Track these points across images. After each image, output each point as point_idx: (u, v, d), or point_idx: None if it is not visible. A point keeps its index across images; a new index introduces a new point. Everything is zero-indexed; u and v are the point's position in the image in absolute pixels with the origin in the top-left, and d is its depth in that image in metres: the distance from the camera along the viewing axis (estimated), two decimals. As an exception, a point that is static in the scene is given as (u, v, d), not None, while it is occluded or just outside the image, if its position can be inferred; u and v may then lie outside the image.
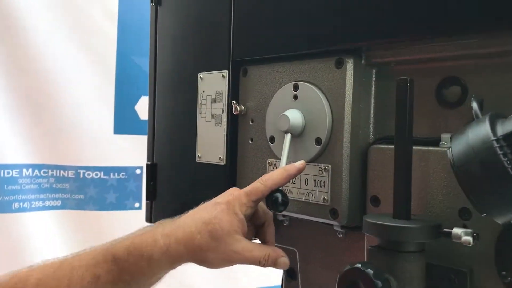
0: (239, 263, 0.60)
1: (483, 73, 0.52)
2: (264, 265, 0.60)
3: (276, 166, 0.67)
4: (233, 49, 0.72)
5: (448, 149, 0.43)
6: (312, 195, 0.63)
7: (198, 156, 0.78)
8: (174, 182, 0.84)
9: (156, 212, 0.86)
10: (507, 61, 0.50)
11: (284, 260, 0.61)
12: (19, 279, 0.61)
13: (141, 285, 0.61)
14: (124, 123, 1.28)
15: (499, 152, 0.39)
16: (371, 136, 0.62)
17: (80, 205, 1.23)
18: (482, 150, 0.40)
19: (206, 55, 0.77)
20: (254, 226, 0.63)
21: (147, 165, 0.88)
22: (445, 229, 0.48)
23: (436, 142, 0.54)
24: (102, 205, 1.25)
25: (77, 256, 0.61)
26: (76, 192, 1.24)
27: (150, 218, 0.87)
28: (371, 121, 0.62)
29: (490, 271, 0.49)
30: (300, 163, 0.61)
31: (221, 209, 0.59)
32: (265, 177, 0.60)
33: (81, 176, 1.22)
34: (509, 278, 0.47)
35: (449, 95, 0.55)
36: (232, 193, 0.61)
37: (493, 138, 0.40)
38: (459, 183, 0.42)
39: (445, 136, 0.54)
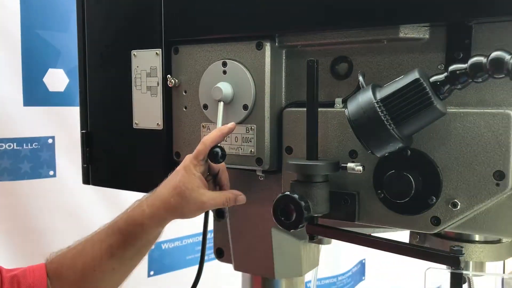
0: (209, 209, 0.79)
1: (365, 54, 0.74)
2: (228, 205, 0.78)
3: (209, 129, 0.83)
4: (165, 30, 0.85)
5: (345, 109, 0.64)
6: (241, 149, 0.80)
7: (135, 123, 0.90)
8: (110, 147, 0.95)
9: (94, 175, 0.97)
10: (381, 46, 0.72)
11: (242, 197, 0.79)
12: (62, 256, 0.81)
13: (144, 244, 0.80)
14: (33, 95, 1.31)
15: (379, 110, 0.60)
16: (284, 102, 0.81)
17: (-6, 177, 1.26)
18: (368, 109, 0.61)
19: (139, 34, 0.88)
20: (212, 177, 0.80)
21: (81, 133, 0.97)
22: (342, 164, 0.69)
23: (332, 105, 0.75)
24: (17, 175, 1.29)
25: (97, 233, 0.81)
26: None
27: (87, 180, 0.98)
28: (283, 90, 0.80)
29: (370, 192, 0.71)
30: (231, 124, 0.77)
31: (182, 174, 0.75)
32: (204, 139, 0.76)
33: (-6, 148, 1.25)
34: (382, 194, 0.70)
35: (340, 69, 0.76)
36: (185, 160, 0.77)
37: (374, 101, 0.61)
38: (354, 132, 0.63)
39: (338, 100, 0.74)
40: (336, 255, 2.28)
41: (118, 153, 0.94)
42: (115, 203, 1.43)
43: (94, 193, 1.46)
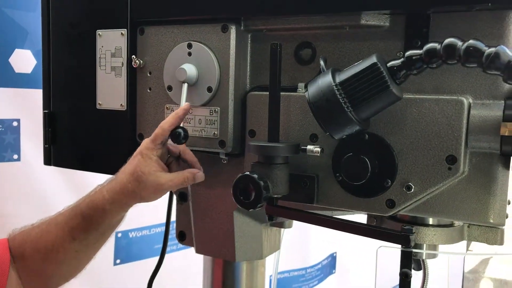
0: (168, 190, 0.79)
1: (328, 40, 0.75)
2: (187, 184, 0.77)
3: (172, 110, 0.83)
4: (131, 10, 0.85)
5: (305, 92, 0.65)
6: (205, 131, 0.81)
7: (99, 103, 0.90)
8: (74, 128, 0.94)
9: (56, 156, 0.96)
10: (344, 33, 0.73)
11: (200, 174, 0.78)
12: (26, 233, 0.80)
13: (107, 228, 0.80)
14: (-2, 76, 1.28)
15: (337, 93, 0.61)
16: (248, 85, 0.81)
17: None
18: (327, 91, 0.62)
19: (105, 14, 0.88)
20: (174, 159, 0.80)
21: (44, 113, 0.96)
22: (302, 147, 0.70)
23: (295, 90, 0.76)
24: (-20, 158, 1.27)
25: (61, 214, 0.80)
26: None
27: (49, 161, 0.97)
28: (248, 74, 0.81)
29: (329, 175, 0.73)
30: (185, 105, 0.77)
31: (138, 159, 0.76)
32: (162, 123, 0.76)
33: (-45, 129, 1.21)
34: (340, 177, 0.71)
35: (304, 55, 0.77)
36: (142, 144, 0.77)
37: (333, 84, 0.62)
38: (313, 114, 0.64)
39: (301, 85, 0.75)
40: (306, 248, 2.30)
41: (81, 134, 0.93)
42: (81, 188, 1.41)
43: (60, 178, 1.44)
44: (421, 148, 0.66)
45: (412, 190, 0.67)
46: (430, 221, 0.74)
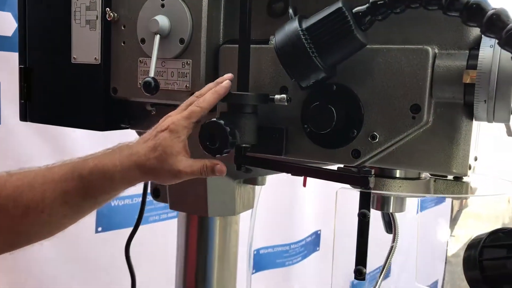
0: (186, 178, 0.71)
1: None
2: (205, 175, 0.70)
3: (146, 63, 0.83)
4: (106, -38, 0.84)
5: (273, 39, 0.65)
6: (177, 84, 0.81)
7: (74, 57, 0.90)
8: (49, 83, 0.94)
9: (31, 111, 0.96)
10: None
11: (219, 167, 0.70)
12: (0, 183, 0.68)
13: (106, 198, 0.73)
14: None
15: (303, 37, 0.62)
16: (221, 39, 0.81)
17: None
18: (293, 37, 0.62)
19: (79, -33, 0.87)
20: None
21: (19, 68, 0.95)
22: (270, 97, 0.71)
23: (267, 42, 0.76)
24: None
25: (50, 170, 0.71)
26: None
27: (25, 117, 0.96)
28: (221, 27, 0.81)
29: (298, 127, 0.74)
30: (226, 83, 0.70)
31: (164, 136, 0.68)
32: (198, 101, 0.69)
33: None
34: (308, 129, 0.72)
35: (276, 8, 0.77)
36: (172, 121, 0.69)
37: (299, 29, 0.62)
38: (279, 60, 0.64)
39: (272, 37, 0.76)
40: (290, 224, 2.32)
41: (56, 89, 0.93)
42: (60, 149, 1.42)
43: (40, 142, 1.44)
44: (387, 98, 0.67)
45: (377, 139, 0.68)
46: (397, 174, 0.76)
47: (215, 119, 0.67)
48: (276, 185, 1.80)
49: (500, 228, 0.50)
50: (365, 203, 0.60)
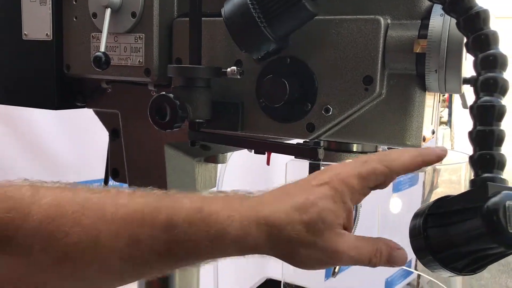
0: (340, 265, 0.52)
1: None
2: (374, 265, 0.46)
3: (98, 39, 0.81)
4: None
5: (222, 9, 0.63)
6: (130, 59, 0.79)
7: (25, 34, 0.86)
8: (1, 60, 0.90)
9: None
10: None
11: (400, 253, 0.47)
12: (17, 212, 0.43)
13: (189, 264, 0.49)
14: None
15: (251, 7, 0.60)
16: (175, 12, 0.79)
17: None
18: (241, 6, 0.61)
19: None
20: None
21: (-31, 46, 0.92)
22: (222, 70, 0.69)
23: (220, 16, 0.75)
24: None
25: (111, 197, 0.46)
26: None
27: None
28: (175, 1, 0.79)
29: (253, 102, 0.72)
30: (441, 150, 0.50)
31: (324, 195, 0.45)
32: (387, 156, 0.48)
33: None
34: (263, 103, 0.71)
35: (230, -20, 0.75)
36: (338, 173, 0.47)
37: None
38: (229, 31, 0.63)
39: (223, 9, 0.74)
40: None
41: (8, 67, 0.89)
42: (24, 138, 1.39)
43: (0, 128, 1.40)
44: (339, 70, 0.66)
45: (331, 112, 0.67)
46: (354, 148, 0.75)
47: (164, 92, 0.66)
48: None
49: (445, 196, 0.50)
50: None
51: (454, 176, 1.45)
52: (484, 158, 0.48)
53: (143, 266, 0.47)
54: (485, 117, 0.49)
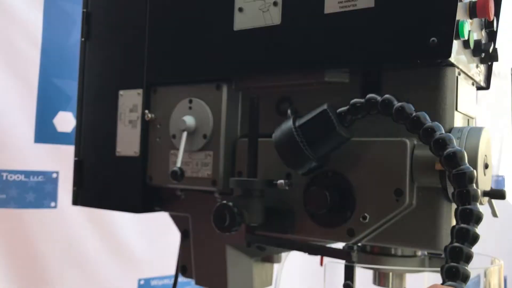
0: None
1: (301, 94, 0.89)
2: None
3: (175, 155, 0.98)
4: (147, 74, 1.03)
5: (273, 134, 0.78)
6: (200, 172, 0.95)
7: (118, 151, 1.06)
8: (96, 173, 1.10)
9: (81, 197, 1.12)
10: (313, 88, 0.87)
11: None
12: None
13: None
14: (43, 133, 1.49)
15: (295, 134, 0.74)
16: (239, 133, 0.96)
17: (2, 204, 1.42)
18: (288, 133, 0.75)
19: (125, 78, 1.06)
20: None
21: (75, 160, 1.13)
22: (274, 182, 0.83)
23: (275, 136, 0.90)
24: (22, 204, 1.45)
25: None
26: None
27: (76, 201, 1.13)
28: (239, 124, 0.96)
29: (301, 208, 0.84)
30: None
31: None
32: None
33: (4, 178, 1.42)
34: (309, 210, 0.82)
35: (282, 108, 0.92)
36: None
37: (293, 127, 0.75)
38: (278, 154, 0.77)
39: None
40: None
41: (102, 177, 1.09)
42: (108, 235, 1.57)
43: (90, 226, 1.60)
44: (374, 183, 0.77)
45: (367, 219, 0.77)
46: (393, 251, 0.83)
47: (225, 201, 0.79)
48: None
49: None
50: (349, 275, 0.68)
51: None
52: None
53: None
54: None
